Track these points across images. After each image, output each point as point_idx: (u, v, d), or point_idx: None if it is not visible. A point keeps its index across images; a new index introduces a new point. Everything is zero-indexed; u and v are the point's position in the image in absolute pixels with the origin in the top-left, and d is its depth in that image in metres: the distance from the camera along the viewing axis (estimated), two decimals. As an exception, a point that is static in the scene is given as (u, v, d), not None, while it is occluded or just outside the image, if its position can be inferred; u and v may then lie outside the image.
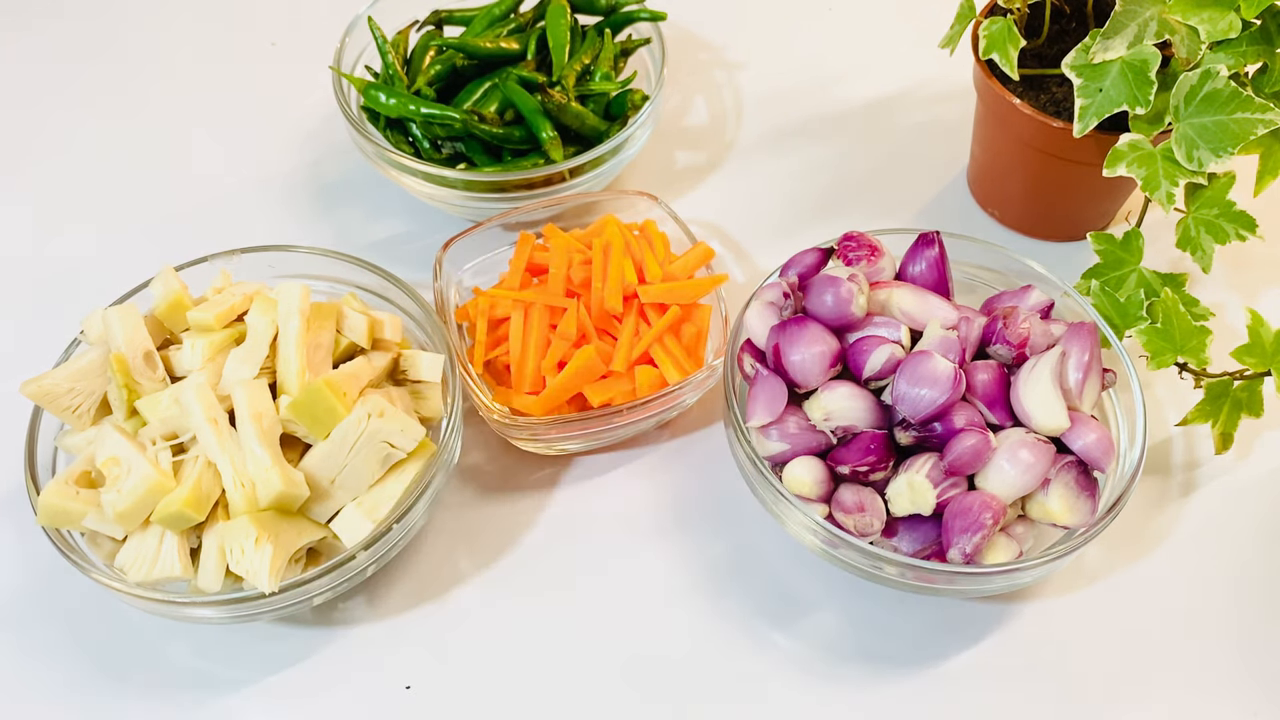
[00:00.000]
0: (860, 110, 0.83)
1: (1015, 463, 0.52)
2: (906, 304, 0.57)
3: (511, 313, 0.64)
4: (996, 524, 0.51)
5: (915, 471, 0.52)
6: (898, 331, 0.55)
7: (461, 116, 0.70)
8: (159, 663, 0.58)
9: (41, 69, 0.89)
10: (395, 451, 0.55)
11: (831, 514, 0.53)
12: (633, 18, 0.77)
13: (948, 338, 0.54)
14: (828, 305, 0.55)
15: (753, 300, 0.58)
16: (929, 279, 0.59)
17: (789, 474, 0.54)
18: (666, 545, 0.61)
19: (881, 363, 0.54)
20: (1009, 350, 0.55)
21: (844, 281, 0.55)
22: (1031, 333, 0.55)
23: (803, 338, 0.54)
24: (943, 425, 0.52)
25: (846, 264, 0.59)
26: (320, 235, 0.76)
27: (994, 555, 0.52)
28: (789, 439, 0.54)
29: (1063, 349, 0.55)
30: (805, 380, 0.54)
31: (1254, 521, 0.62)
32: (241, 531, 0.52)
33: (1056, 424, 0.53)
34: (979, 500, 0.51)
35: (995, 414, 0.54)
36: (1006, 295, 0.60)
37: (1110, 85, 0.57)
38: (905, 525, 0.54)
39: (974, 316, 0.56)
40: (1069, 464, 0.53)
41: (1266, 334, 0.55)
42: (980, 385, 0.54)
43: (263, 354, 0.57)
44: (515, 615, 0.59)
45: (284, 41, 0.90)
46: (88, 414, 0.57)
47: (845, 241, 0.60)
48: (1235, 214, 0.58)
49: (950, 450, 0.52)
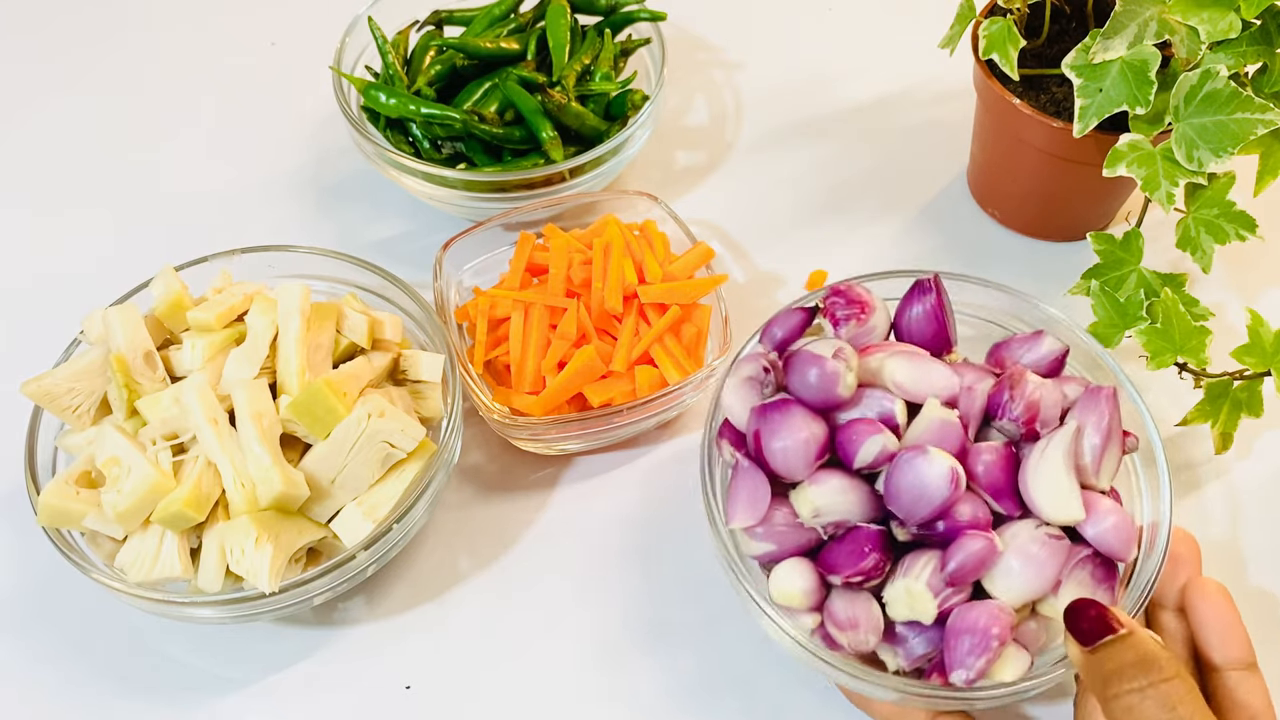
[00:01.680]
0: (860, 110, 0.83)
1: (1025, 564, 0.46)
2: (900, 375, 0.50)
3: (511, 313, 0.64)
4: (1005, 643, 0.45)
5: (914, 579, 0.47)
6: (892, 406, 0.49)
7: (461, 116, 0.70)
8: (159, 663, 0.58)
9: (41, 68, 0.89)
10: (395, 451, 0.55)
11: (824, 624, 0.48)
12: (633, 18, 0.77)
13: (947, 423, 0.48)
14: (812, 386, 0.49)
15: (730, 375, 0.52)
16: (926, 331, 0.53)
17: (776, 585, 0.48)
18: (667, 545, 0.61)
19: (873, 455, 0.48)
20: (1016, 427, 0.49)
21: (828, 360, 0.49)
22: (1042, 403, 0.49)
23: (785, 425, 0.48)
24: (944, 523, 0.47)
25: (834, 325, 0.53)
26: (320, 235, 0.76)
27: (1003, 671, 0.46)
28: (775, 538, 0.49)
29: (1077, 423, 0.48)
30: (789, 472, 0.49)
31: (1254, 522, 0.62)
32: (242, 531, 0.52)
33: (1070, 516, 0.47)
34: (985, 614, 0.46)
35: (1002, 504, 0.48)
36: (1016, 343, 0.54)
37: (1110, 85, 0.57)
38: (908, 628, 0.48)
39: (977, 383, 0.50)
40: (1084, 559, 0.47)
41: (1266, 334, 0.55)
42: (985, 472, 0.48)
43: (263, 354, 0.57)
44: (515, 615, 0.59)
45: (284, 41, 0.90)
46: (88, 414, 0.57)
47: (833, 298, 0.54)
48: (1235, 214, 0.58)
49: (952, 557, 0.46)
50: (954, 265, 0.73)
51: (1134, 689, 0.40)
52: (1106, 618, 0.43)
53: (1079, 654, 0.43)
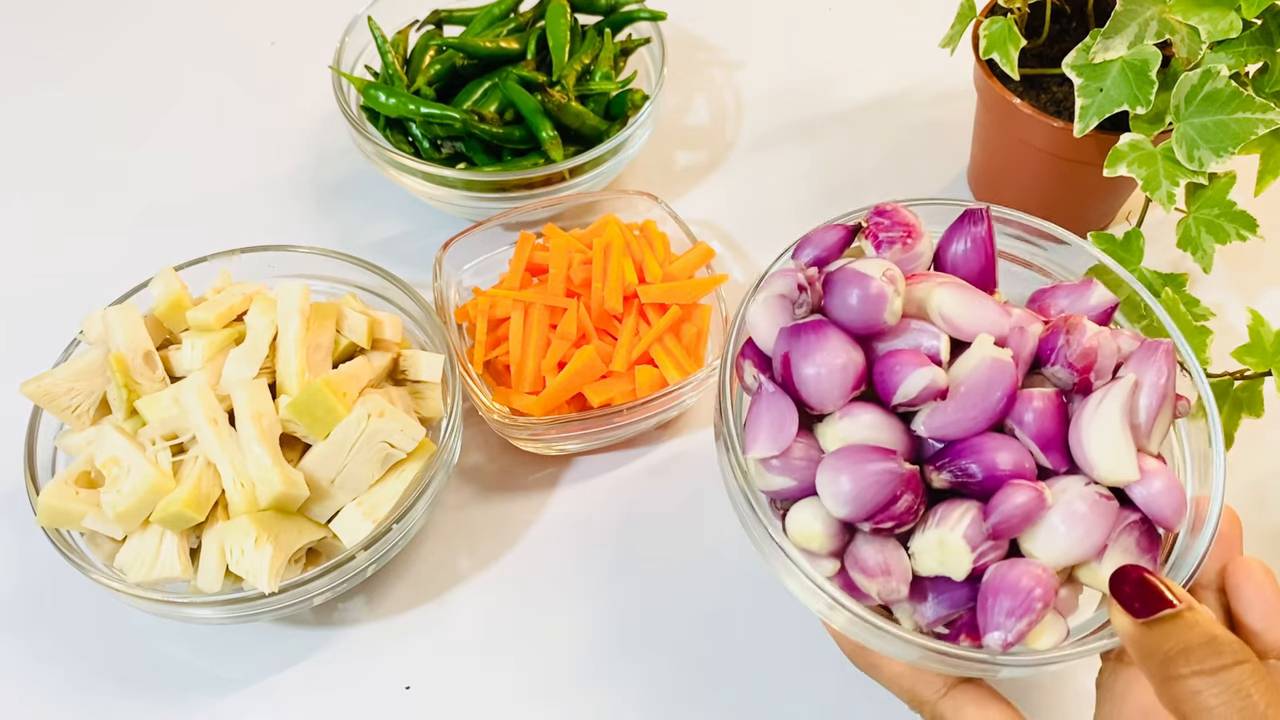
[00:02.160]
0: (861, 109, 0.83)
1: (1073, 525, 0.42)
2: (949, 308, 0.45)
3: (511, 312, 0.64)
4: (1048, 606, 0.41)
5: (950, 528, 0.42)
6: (936, 342, 0.44)
7: (461, 116, 0.70)
8: (159, 663, 0.58)
9: (40, 68, 0.89)
10: (395, 451, 0.55)
11: (845, 570, 0.44)
12: (633, 17, 0.77)
13: (1000, 362, 0.43)
14: (854, 308, 0.44)
15: (759, 289, 0.47)
16: (974, 266, 0.48)
17: (794, 522, 0.44)
18: (667, 545, 0.61)
19: (918, 390, 0.43)
20: (1070, 374, 0.44)
21: (875, 279, 0.44)
22: (1100, 352, 0.44)
23: (821, 348, 0.43)
24: (984, 470, 0.42)
25: (876, 247, 0.48)
26: (320, 235, 0.76)
27: (1039, 638, 0.42)
28: (795, 473, 0.44)
29: (1135, 377, 0.44)
30: (821, 402, 0.44)
31: (1255, 522, 0.62)
32: (241, 531, 0.52)
33: (1125, 476, 0.43)
34: (1028, 574, 0.41)
35: (1050, 456, 0.44)
36: (1062, 291, 0.49)
37: (1111, 85, 0.57)
38: (930, 585, 0.44)
39: (1027, 323, 0.45)
40: (1131, 524, 0.43)
41: (1267, 334, 0.55)
42: (1034, 420, 0.43)
43: (262, 354, 0.57)
44: (515, 615, 0.59)
45: (283, 41, 0.90)
46: (87, 414, 0.57)
47: (877, 217, 0.48)
48: (1236, 214, 0.58)
49: (996, 508, 0.42)
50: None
51: (1202, 670, 0.36)
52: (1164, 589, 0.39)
53: (1131, 627, 0.39)
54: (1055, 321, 0.46)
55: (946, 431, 0.44)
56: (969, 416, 0.43)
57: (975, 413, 0.43)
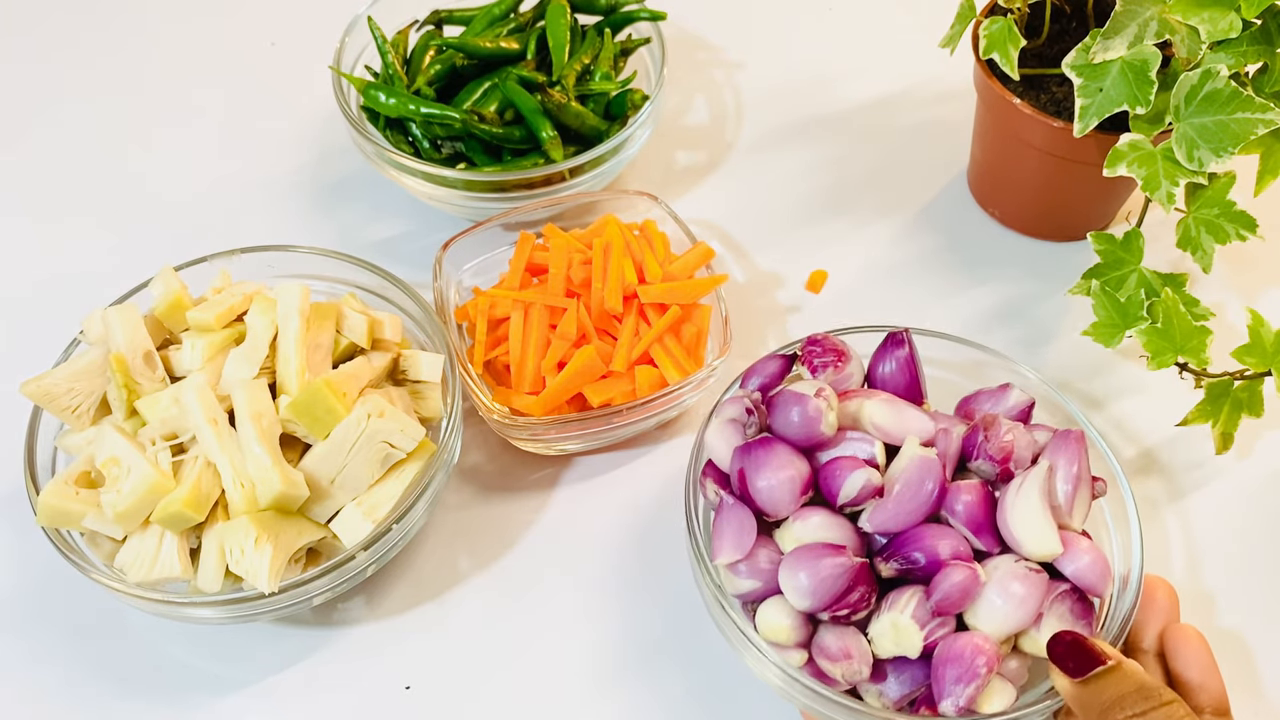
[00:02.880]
0: (860, 110, 0.83)
1: (1007, 598, 0.47)
2: (879, 417, 0.52)
3: (511, 313, 0.64)
4: (991, 671, 0.46)
5: (899, 612, 0.47)
6: (871, 448, 0.51)
7: (461, 116, 0.70)
8: (158, 663, 0.58)
9: (40, 68, 0.89)
10: (395, 451, 0.55)
11: (812, 659, 0.49)
12: (632, 17, 0.77)
13: (927, 459, 0.49)
14: (795, 424, 0.51)
15: (713, 417, 0.53)
16: (900, 382, 0.55)
17: (764, 619, 0.49)
18: (666, 544, 0.61)
19: (858, 489, 0.49)
20: (992, 466, 0.50)
21: (811, 398, 0.50)
22: (1015, 444, 0.50)
23: (770, 462, 0.49)
24: (926, 556, 0.48)
25: (812, 372, 0.55)
26: (320, 235, 0.76)
27: (989, 702, 0.47)
28: (760, 575, 0.49)
29: (1049, 462, 0.50)
30: (775, 509, 0.50)
31: (1255, 522, 0.62)
32: (241, 532, 0.52)
33: (1049, 550, 0.48)
34: (971, 645, 0.46)
35: (982, 539, 0.49)
36: (984, 396, 0.56)
37: (1110, 85, 0.57)
38: (891, 667, 0.49)
39: (952, 426, 0.52)
40: (1063, 594, 0.48)
41: (1267, 334, 0.55)
42: (964, 509, 0.49)
43: (262, 354, 0.57)
44: (515, 615, 0.59)
45: (283, 41, 0.90)
46: (87, 414, 0.57)
47: (809, 347, 0.56)
48: (1236, 214, 0.58)
49: (937, 588, 0.47)
50: (954, 265, 0.73)
51: (1136, 714, 0.42)
52: (1093, 649, 0.44)
53: (1069, 686, 0.44)
54: (975, 422, 0.52)
55: (888, 525, 0.49)
56: (906, 510, 0.49)
57: (912, 506, 0.49)
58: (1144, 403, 0.66)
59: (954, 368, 0.59)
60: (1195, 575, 0.60)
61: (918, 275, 0.73)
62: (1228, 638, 0.57)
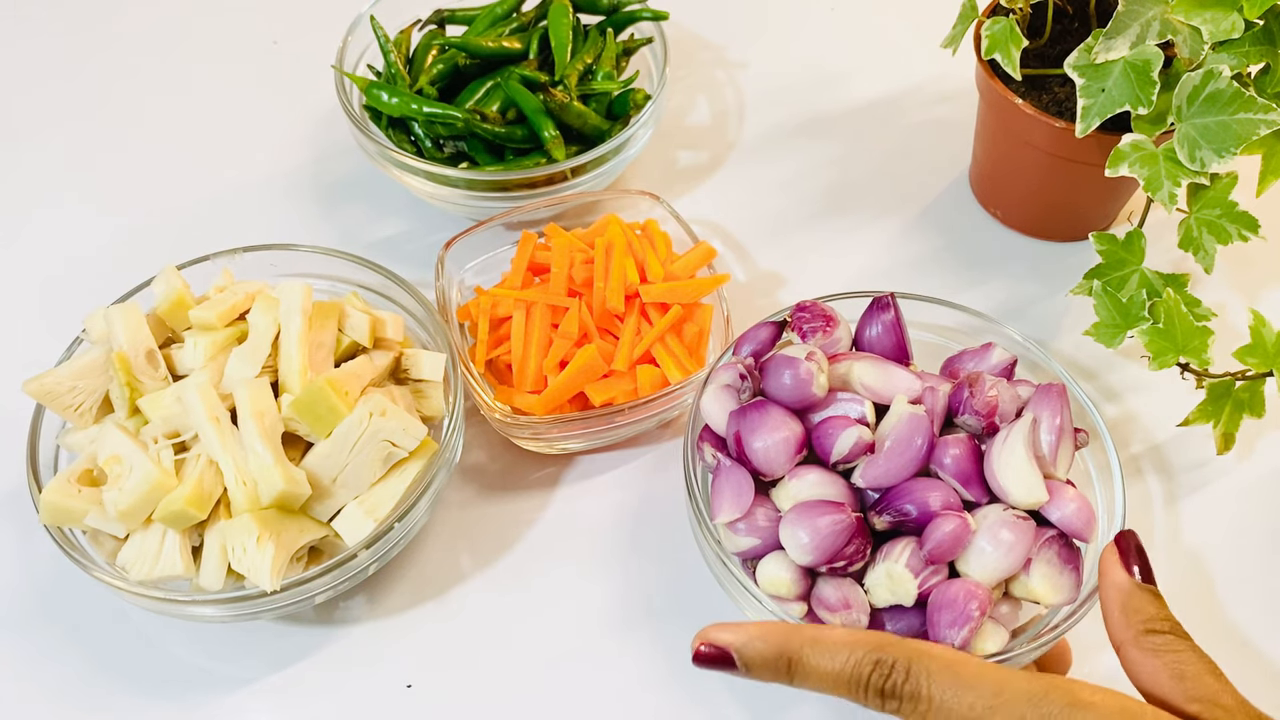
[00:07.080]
0: (862, 110, 0.83)
1: (996, 544, 0.49)
2: (868, 378, 0.53)
3: (513, 312, 0.64)
4: (984, 614, 0.48)
5: (894, 561, 0.49)
6: (861, 407, 0.53)
7: (464, 116, 0.70)
8: (160, 661, 0.58)
9: (41, 67, 0.89)
10: (397, 450, 0.55)
11: (812, 611, 0.50)
12: (635, 17, 0.77)
13: (915, 416, 0.51)
14: (787, 387, 0.52)
15: (708, 384, 0.55)
16: (887, 344, 0.56)
17: (764, 574, 0.51)
18: (668, 544, 0.61)
19: (849, 446, 0.51)
20: (978, 420, 0.52)
21: (802, 361, 0.52)
22: (999, 399, 0.52)
23: (764, 423, 0.51)
24: (918, 508, 0.50)
25: (801, 337, 0.56)
26: (322, 234, 0.76)
27: (983, 644, 0.49)
28: (759, 533, 0.51)
29: (1033, 415, 0.52)
30: (770, 469, 0.51)
31: (1256, 522, 0.62)
32: (243, 530, 0.52)
33: (1035, 498, 0.50)
34: (964, 590, 0.48)
35: (970, 490, 0.51)
36: (967, 355, 0.57)
37: (1113, 85, 0.57)
38: (888, 616, 0.51)
39: (938, 384, 0.53)
40: (1050, 539, 0.50)
41: (1268, 334, 0.55)
42: (953, 462, 0.51)
43: (265, 353, 0.57)
44: (517, 614, 0.59)
45: (286, 40, 0.90)
46: (90, 412, 0.57)
47: (798, 313, 0.57)
48: (1237, 214, 0.58)
49: (929, 537, 0.49)
50: (956, 265, 0.73)
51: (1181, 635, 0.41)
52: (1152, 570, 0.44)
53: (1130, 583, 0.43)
54: (961, 380, 0.53)
55: (880, 480, 0.51)
56: (897, 465, 0.51)
57: (902, 461, 0.51)
58: (1145, 403, 0.66)
59: (939, 330, 0.61)
60: (1196, 575, 0.60)
61: (919, 275, 0.73)
62: (1229, 637, 0.57)
